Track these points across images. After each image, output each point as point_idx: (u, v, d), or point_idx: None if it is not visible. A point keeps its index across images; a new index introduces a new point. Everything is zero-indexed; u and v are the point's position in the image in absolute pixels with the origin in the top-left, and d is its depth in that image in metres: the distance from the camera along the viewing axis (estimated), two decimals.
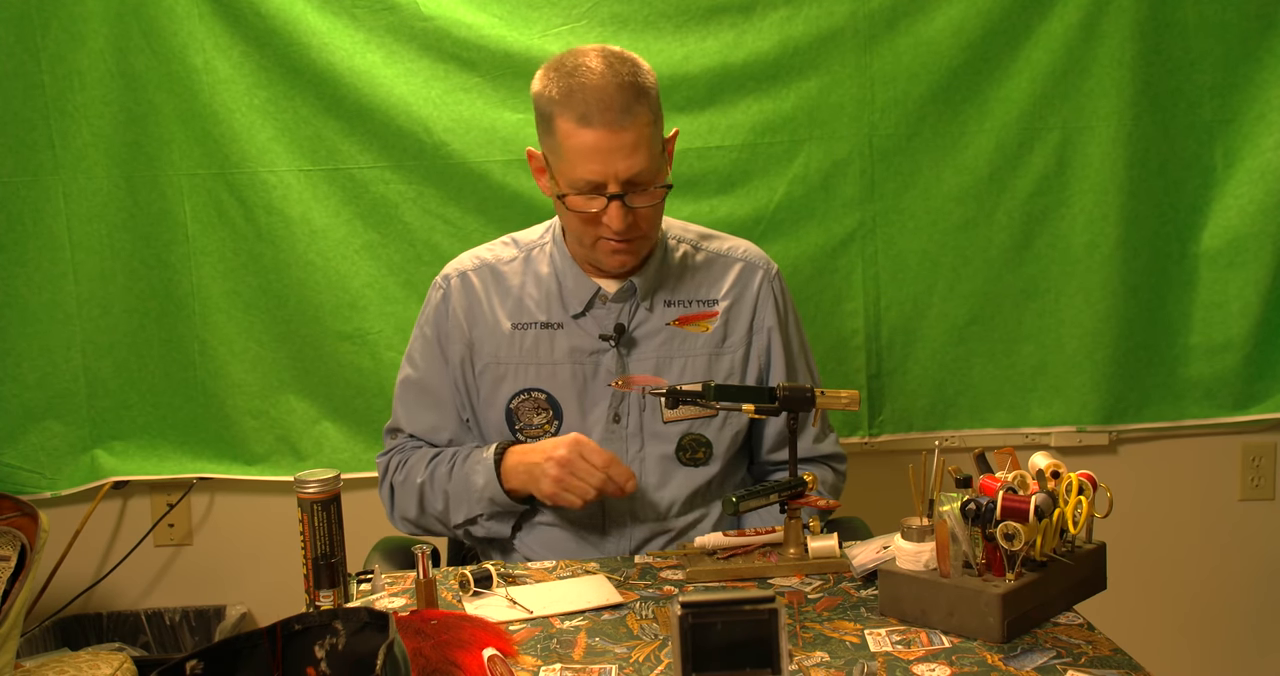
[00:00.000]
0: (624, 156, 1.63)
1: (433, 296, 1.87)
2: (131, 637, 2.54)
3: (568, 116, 1.63)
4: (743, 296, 1.83)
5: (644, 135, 1.64)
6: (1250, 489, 2.65)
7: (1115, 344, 2.49)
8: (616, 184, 1.64)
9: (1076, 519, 1.38)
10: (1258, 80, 2.45)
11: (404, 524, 1.87)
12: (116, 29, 2.34)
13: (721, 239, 1.89)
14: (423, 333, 1.87)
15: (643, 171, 1.65)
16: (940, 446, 1.47)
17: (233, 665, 1.10)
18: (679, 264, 1.83)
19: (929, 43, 2.40)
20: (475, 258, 1.87)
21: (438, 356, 1.85)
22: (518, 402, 1.80)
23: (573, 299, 1.80)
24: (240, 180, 2.39)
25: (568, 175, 1.66)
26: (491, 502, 1.75)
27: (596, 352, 1.78)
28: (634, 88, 1.64)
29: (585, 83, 1.63)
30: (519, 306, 1.81)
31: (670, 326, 1.80)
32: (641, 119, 1.64)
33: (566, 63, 1.67)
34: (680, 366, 1.79)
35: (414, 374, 1.88)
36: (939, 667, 1.27)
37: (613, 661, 1.33)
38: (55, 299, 2.43)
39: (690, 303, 1.82)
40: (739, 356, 1.83)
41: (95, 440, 2.48)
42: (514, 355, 1.80)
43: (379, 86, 2.35)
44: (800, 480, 1.60)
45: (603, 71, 1.64)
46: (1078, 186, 2.46)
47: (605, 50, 1.69)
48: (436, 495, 1.80)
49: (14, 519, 2.08)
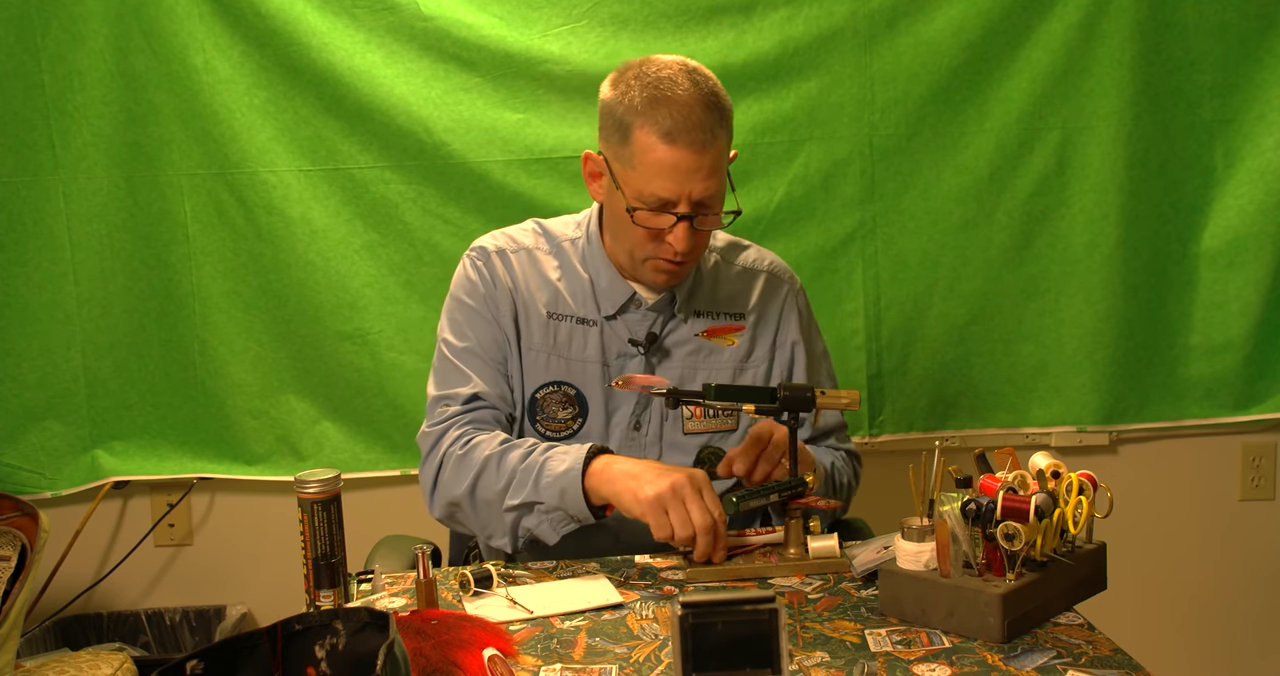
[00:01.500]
0: (702, 178, 1.60)
1: (470, 267, 1.77)
2: (131, 637, 2.54)
3: (651, 130, 1.58)
4: (768, 311, 1.82)
5: (722, 158, 1.62)
6: (1250, 489, 2.65)
7: (1115, 344, 2.50)
8: (688, 205, 1.61)
9: (1076, 519, 1.38)
10: (1258, 80, 2.45)
11: (442, 507, 1.70)
12: (116, 29, 2.34)
13: (747, 248, 1.87)
14: (463, 303, 1.76)
15: (716, 195, 1.63)
16: (940, 446, 1.46)
17: (233, 665, 1.10)
18: (710, 274, 1.81)
19: (929, 43, 2.40)
20: (511, 239, 1.80)
21: (490, 323, 1.74)
22: (545, 393, 1.75)
23: (606, 299, 1.76)
24: (240, 180, 2.39)
25: (639, 188, 1.62)
26: (563, 495, 1.58)
27: (624, 356, 1.76)
28: (719, 109, 1.61)
29: (672, 97, 1.59)
30: (556, 296, 1.76)
31: (698, 338, 1.78)
32: (722, 141, 1.61)
33: (649, 72, 1.62)
34: (705, 378, 1.76)
35: (465, 343, 1.74)
36: (939, 667, 1.27)
37: (613, 661, 1.33)
38: (55, 299, 2.43)
39: (719, 315, 1.80)
40: (762, 371, 1.81)
41: (95, 440, 2.49)
42: (548, 344, 1.75)
43: (379, 86, 2.35)
44: (800, 480, 1.60)
45: (690, 89, 1.60)
46: (1078, 186, 2.46)
47: (687, 64, 1.64)
48: (500, 475, 1.63)
49: (14, 519, 2.07)
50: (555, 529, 1.62)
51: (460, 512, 1.69)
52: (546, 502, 1.60)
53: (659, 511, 1.50)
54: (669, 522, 1.50)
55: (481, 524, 1.68)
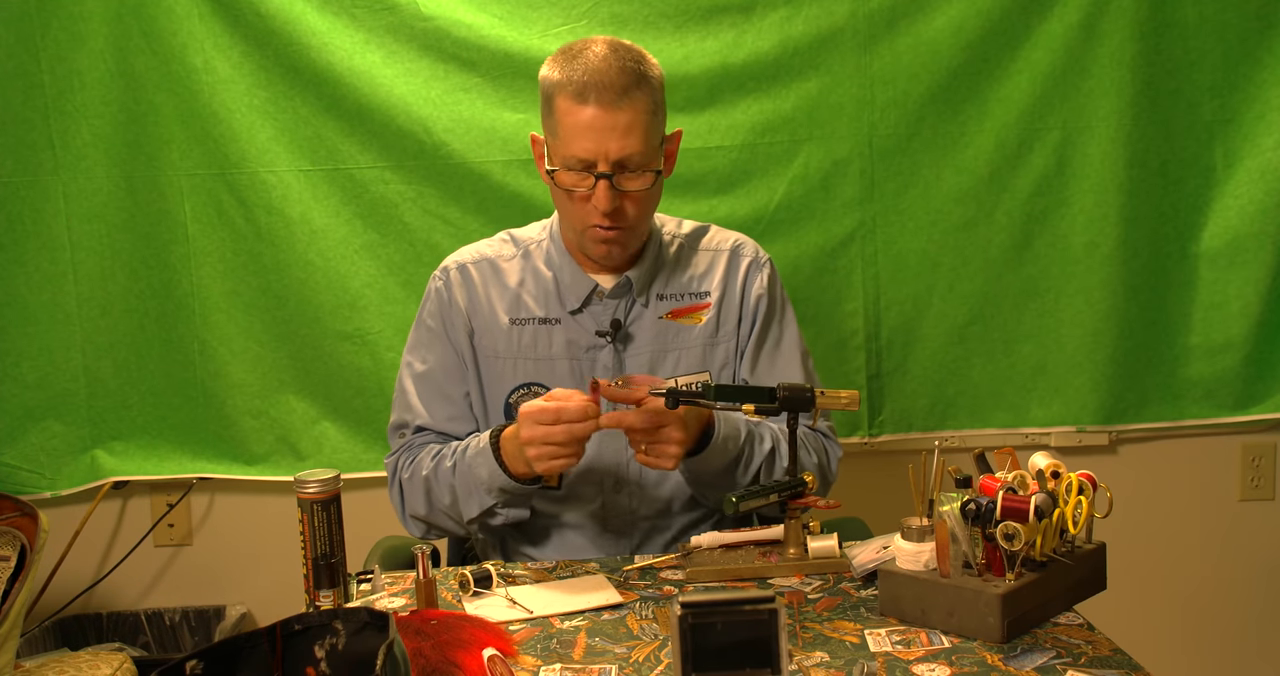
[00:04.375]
0: (617, 136, 1.64)
1: (432, 289, 1.86)
2: (131, 637, 2.54)
3: (566, 93, 1.65)
4: (731, 285, 1.84)
5: (640, 120, 1.65)
6: (1250, 489, 2.65)
7: (1115, 344, 2.49)
8: (607, 164, 1.65)
9: (1076, 519, 1.38)
10: (1258, 80, 2.45)
11: (415, 523, 1.82)
12: (116, 29, 2.34)
13: (714, 232, 1.90)
14: (426, 325, 1.86)
15: (634, 155, 1.66)
16: (940, 446, 1.47)
17: (233, 665, 1.10)
18: (672, 258, 1.85)
19: (929, 43, 2.40)
20: (474, 252, 1.87)
21: (446, 345, 1.83)
22: (517, 397, 1.80)
23: (570, 295, 1.80)
24: (240, 180, 2.39)
25: (561, 152, 1.68)
26: (501, 492, 1.69)
27: (593, 348, 1.79)
28: (635, 73, 1.66)
29: (587, 63, 1.65)
30: (517, 302, 1.81)
31: (663, 320, 1.81)
32: (639, 104, 1.65)
33: (573, 47, 1.70)
34: (675, 359, 1.80)
35: (423, 366, 1.85)
36: (939, 667, 1.27)
37: (613, 661, 1.33)
38: (55, 299, 2.43)
39: (682, 295, 1.82)
40: (732, 346, 1.83)
41: (95, 440, 2.48)
42: (512, 350, 1.80)
43: (379, 86, 2.35)
44: (800, 480, 1.60)
45: (606, 55, 1.66)
46: (1078, 186, 2.46)
47: (612, 39, 1.71)
48: (443, 489, 1.75)
49: (14, 519, 2.07)
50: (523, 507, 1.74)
51: (433, 524, 1.81)
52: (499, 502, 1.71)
53: (553, 465, 1.58)
54: (560, 464, 1.57)
55: (455, 525, 1.79)
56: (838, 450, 1.88)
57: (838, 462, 1.88)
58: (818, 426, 1.84)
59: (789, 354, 1.86)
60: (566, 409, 1.55)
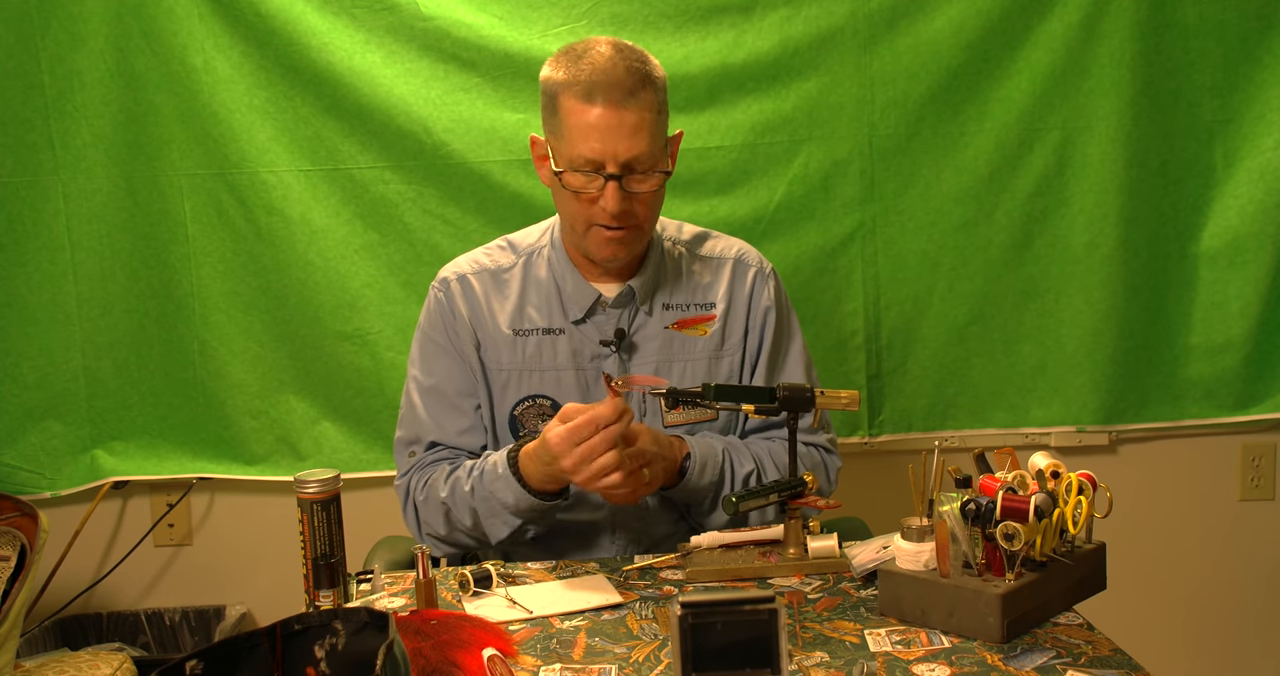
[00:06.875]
0: (625, 137, 1.63)
1: (433, 300, 1.83)
2: (131, 637, 2.54)
3: (573, 93, 1.64)
4: (737, 297, 1.83)
5: (646, 120, 1.65)
6: (1250, 489, 2.65)
7: (1115, 344, 2.49)
8: (615, 165, 1.64)
9: (1076, 519, 1.38)
10: (1258, 80, 2.45)
11: (435, 541, 1.79)
12: (116, 29, 2.34)
13: (715, 239, 1.89)
14: (429, 338, 1.82)
15: (642, 156, 1.65)
16: (940, 446, 1.47)
17: (233, 665, 1.10)
18: (675, 267, 1.83)
19: (929, 43, 2.40)
20: (473, 262, 1.84)
21: (453, 358, 1.80)
22: (522, 409, 1.79)
23: (573, 305, 1.78)
24: (240, 180, 2.39)
25: (567, 154, 1.66)
26: (532, 511, 1.67)
27: (598, 357, 1.78)
28: (641, 74, 1.65)
29: (593, 63, 1.64)
30: (520, 313, 1.79)
31: (669, 330, 1.79)
32: (646, 104, 1.65)
33: (576, 47, 1.69)
34: (680, 370, 1.79)
35: (430, 380, 1.81)
36: (939, 667, 1.27)
37: (613, 661, 1.33)
38: (55, 299, 2.43)
39: (688, 306, 1.81)
40: (738, 359, 1.83)
41: (95, 440, 2.48)
42: (517, 361, 1.78)
43: (379, 86, 2.35)
44: (800, 480, 1.60)
45: (611, 55, 1.65)
46: (1078, 186, 2.46)
47: (616, 40, 1.70)
48: (463, 512, 1.72)
49: (14, 519, 2.08)
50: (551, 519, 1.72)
51: (453, 543, 1.78)
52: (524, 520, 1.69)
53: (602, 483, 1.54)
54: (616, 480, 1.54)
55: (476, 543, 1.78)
56: (837, 462, 1.88)
57: (837, 473, 1.88)
58: (818, 440, 1.84)
59: (794, 364, 1.86)
60: (600, 415, 1.51)
